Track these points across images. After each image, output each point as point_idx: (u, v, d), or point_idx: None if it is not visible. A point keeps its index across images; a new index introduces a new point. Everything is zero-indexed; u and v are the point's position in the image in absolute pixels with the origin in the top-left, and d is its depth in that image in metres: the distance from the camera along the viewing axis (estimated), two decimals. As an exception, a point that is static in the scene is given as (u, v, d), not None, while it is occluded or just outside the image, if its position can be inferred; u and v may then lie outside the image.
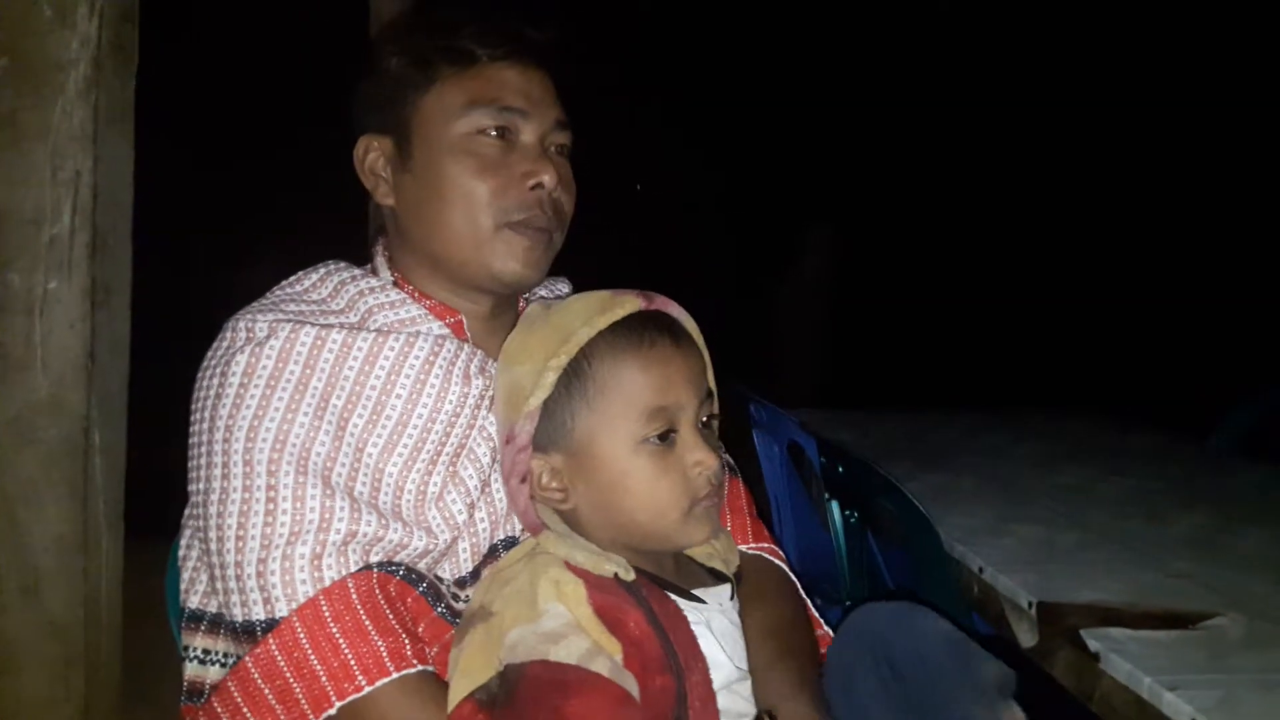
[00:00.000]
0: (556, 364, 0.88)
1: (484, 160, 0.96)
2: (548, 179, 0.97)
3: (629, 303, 0.91)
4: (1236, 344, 5.43)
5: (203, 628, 0.96)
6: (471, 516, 0.95)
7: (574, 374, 0.88)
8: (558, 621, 0.79)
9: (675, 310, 0.94)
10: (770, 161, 7.34)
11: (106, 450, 1.59)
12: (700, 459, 0.88)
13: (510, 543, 0.97)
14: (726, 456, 1.10)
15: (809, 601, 1.08)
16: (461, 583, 0.94)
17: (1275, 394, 2.61)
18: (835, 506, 1.80)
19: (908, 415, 2.57)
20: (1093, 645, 1.15)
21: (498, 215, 0.96)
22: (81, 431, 1.55)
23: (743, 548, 1.06)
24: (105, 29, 1.54)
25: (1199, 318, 6.11)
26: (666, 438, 0.88)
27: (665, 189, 7.58)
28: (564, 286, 1.18)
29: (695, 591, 0.91)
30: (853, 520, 1.78)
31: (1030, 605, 1.30)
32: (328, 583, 0.85)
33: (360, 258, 1.09)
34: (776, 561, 1.08)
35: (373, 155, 1.02)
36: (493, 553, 0.97)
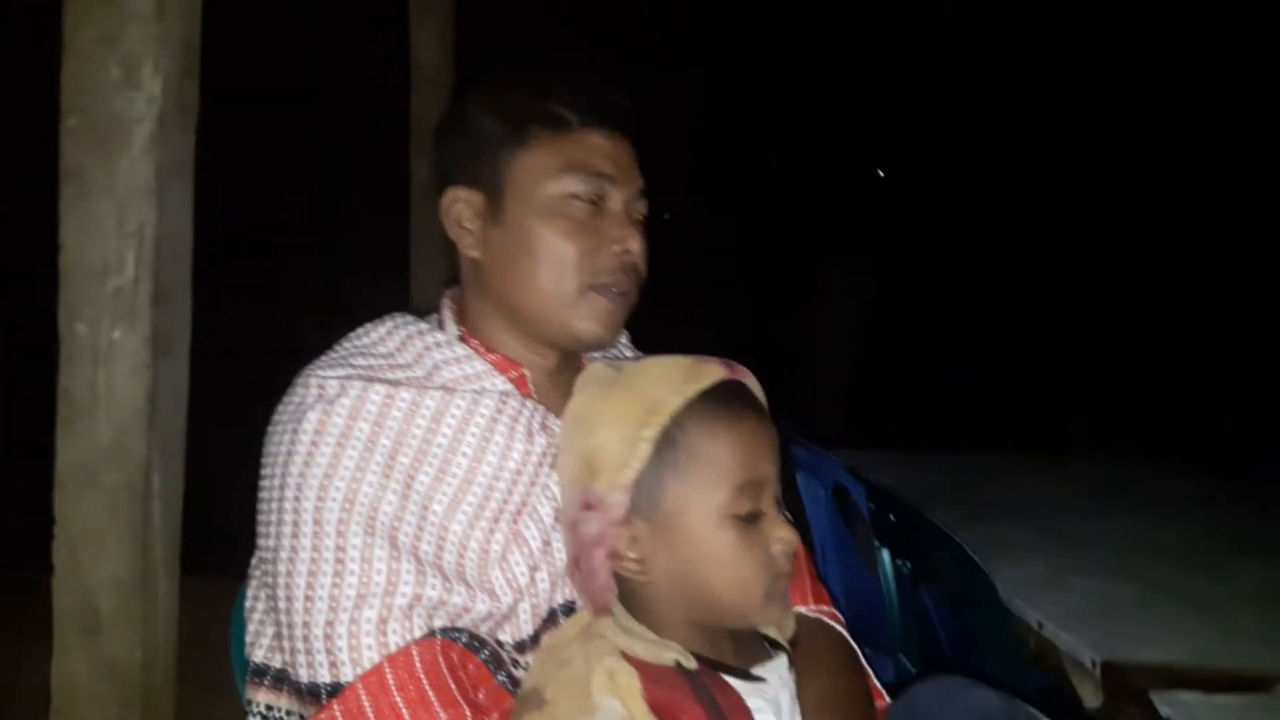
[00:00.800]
0: (650, 433, 0.87)
1: (576, 223, 0.98)
2: (634, 246, 1.00)
3: (714, 371, 0.90)
4: (1266, 385, 5.33)
5: (266, 682, 0.96)
6: (533, 578, 0.95)
7: (665, 443, 0.87)
8: (611, 718, 0.79)
9: (751, 380, 0.93)
10: (807, 190, 7.36)
11: (165, 495, 1.62)
12: (783, 535, 0.87)
13: (569, 609, 0.97)
14: (786, 514, 1.10)
15: (870, 670, 1.07)
16: (521, 646, 0.94)
17: None
18: (886, 555, 1.78)
19: (948, 458, 2.55)
20: (1163, 710, 1.13)
21: (585, 277, 0.98)
22: (143, 476, 1.57)
23: (802, 609, 1.05)
24: (169, 87, 1.59)
25: (1230, 357, 6.01)
26: (754, 515, 0.87)
27: (697, 219, 7.61)
28: (622, 337, 1.19)
29: (756, 670, 0.90)
30: (905, 570, 1.76)
31: (1094, 665, 1.28)
32: (393, 648, 0.86)
33: (396, 305, 1.11)
34: (837, 627, 1.07)
35: (459, 207, 1.03)
36: (552, 617, 0.97)
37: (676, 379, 0.89)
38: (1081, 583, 1.56)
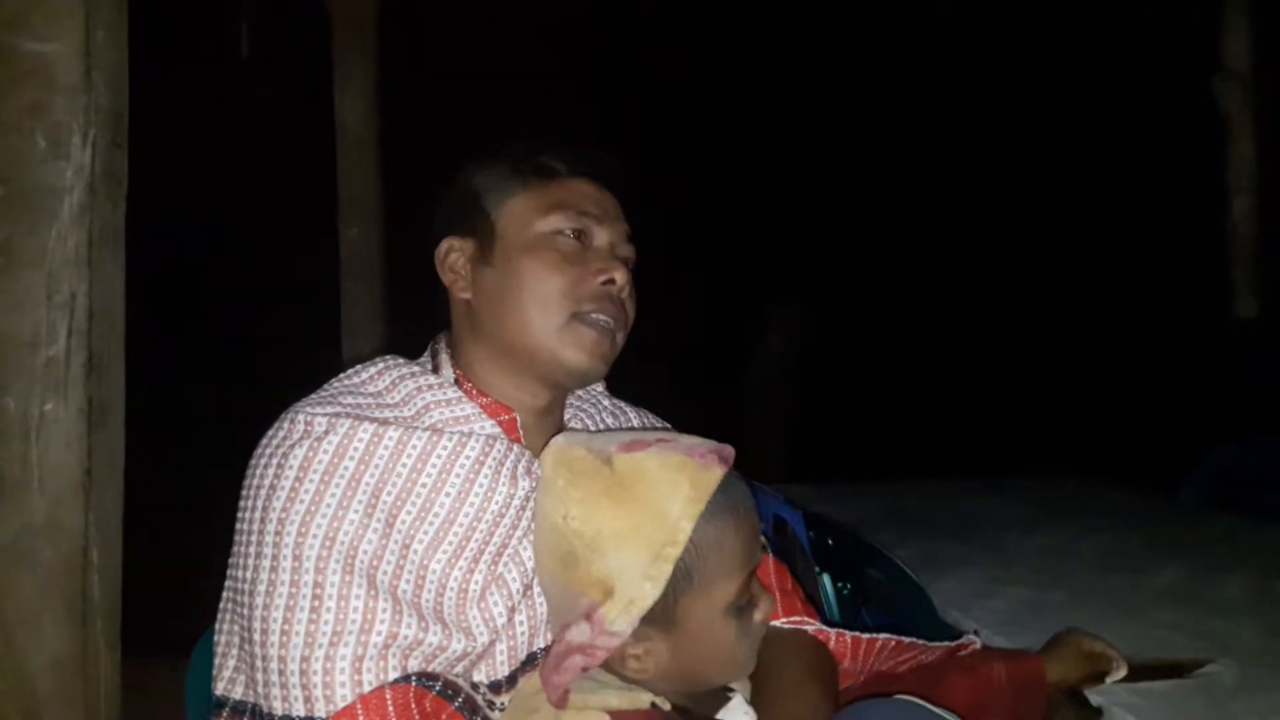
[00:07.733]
0: (668, 567, 0.86)
1: (562, 255, 1.02)
2: (619, 276, 1.03)
3: (714, 473, 0.89)
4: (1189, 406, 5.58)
5: (225, 715, 0.96)
6: (511, 619, 0.97)
7: (679, 567, 0.87)
8: None
9: (731, 454, 0.93)
10: (733, 242, 7.51)
11: (104, 569, 1.59)
12: (766, 606, 0.91)
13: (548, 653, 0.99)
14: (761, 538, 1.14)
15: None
16: (496, 687, 0.96)
17: (1231, 451, 2.71)
18: (827, 579, 1.83)
19: (882, 486, 2.63)
20: (1095, 700, 1.19)
21: (570, 305, 1.01)
22: (80, 551, 1.54)
23: (776, 623, 1.07)
24: (98, 157, 1.59)
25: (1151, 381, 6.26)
26: (751, 600, 0.90)
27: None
28: (597, 385, 1.21)
29: (721, 715, 0.93)
30: (845, 592, 1.81)
31: (1028, 665, 1.33)
32: (366, 687, 0.87)
33: (328, 370, 1.12)
34: (808, 630, 1.09)
35: (453, 255, 1.07)
36: (530, 660, 0.98)
37: (684, 489, 0.87)
38: (1013, 591, 1.63)
